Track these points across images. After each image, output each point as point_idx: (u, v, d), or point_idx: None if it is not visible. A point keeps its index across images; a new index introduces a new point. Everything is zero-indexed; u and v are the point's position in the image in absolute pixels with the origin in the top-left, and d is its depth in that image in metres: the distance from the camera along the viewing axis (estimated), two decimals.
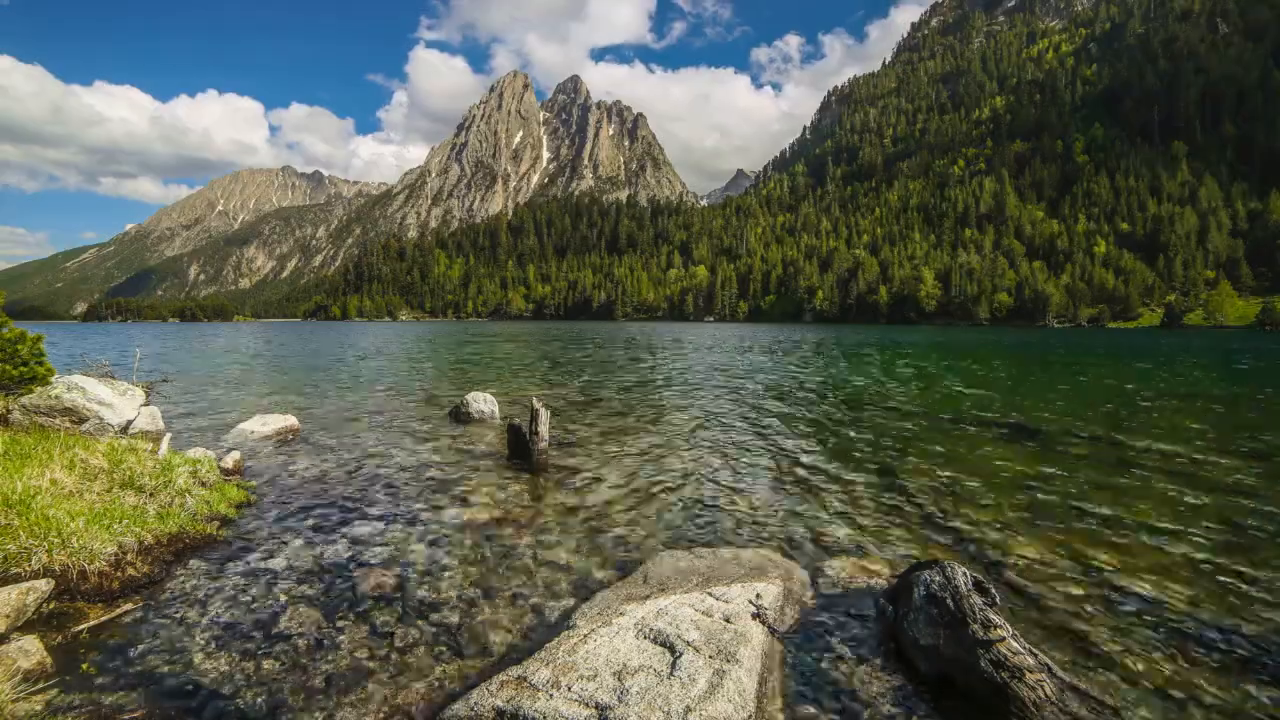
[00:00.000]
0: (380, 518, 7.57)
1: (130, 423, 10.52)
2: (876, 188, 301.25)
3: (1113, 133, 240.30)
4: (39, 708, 3.80)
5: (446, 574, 5.99)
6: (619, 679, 3.82)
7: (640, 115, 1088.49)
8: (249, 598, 5.37)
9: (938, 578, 4.65)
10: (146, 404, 11.48)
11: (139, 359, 20.62)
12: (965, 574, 4.63)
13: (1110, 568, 6.27)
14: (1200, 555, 6.59)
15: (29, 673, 4.04)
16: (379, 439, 12.41)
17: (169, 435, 9.79)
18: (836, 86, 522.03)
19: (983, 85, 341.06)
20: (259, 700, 4.02)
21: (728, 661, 4.06)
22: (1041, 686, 3.87)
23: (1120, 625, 5.17)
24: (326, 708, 3.98)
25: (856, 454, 11.36)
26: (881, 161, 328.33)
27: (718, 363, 32.90)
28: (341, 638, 4.78)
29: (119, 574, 5.39)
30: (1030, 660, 4.02)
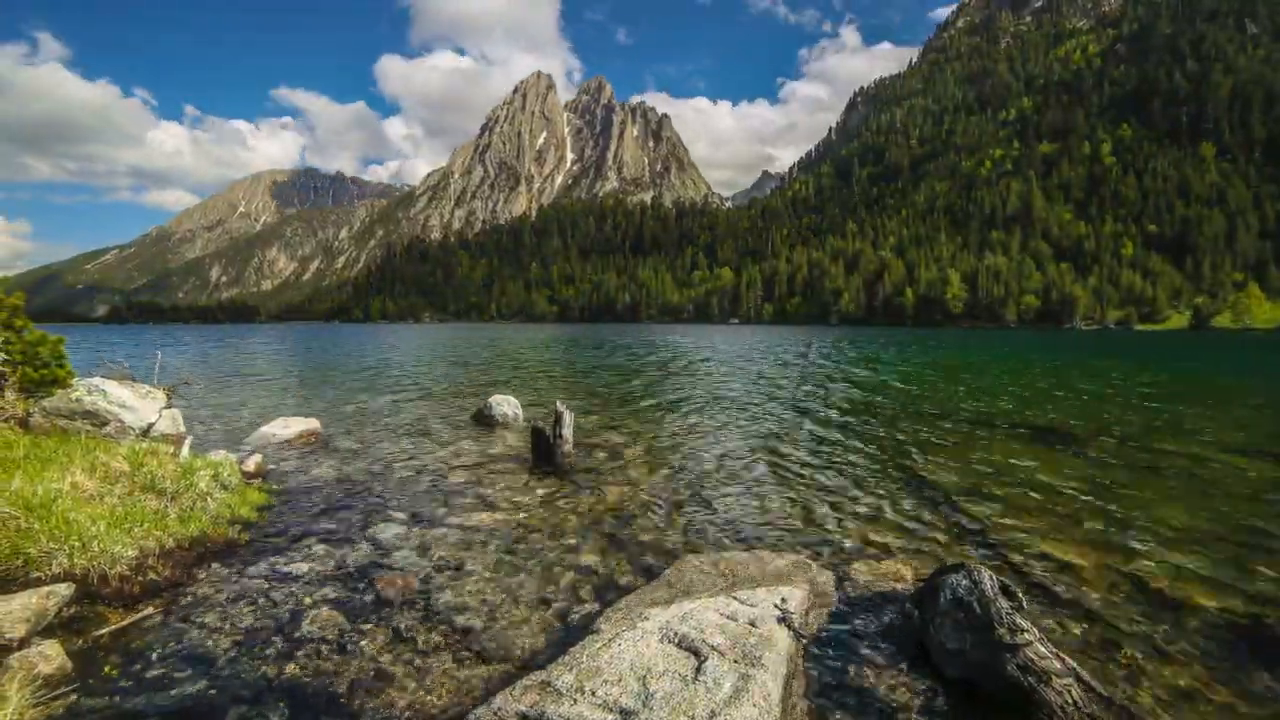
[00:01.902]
0: (403, 521, 7.56)
1: (151, 425, 10.52)
2: (903, 189, 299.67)
3: (1140, 134, 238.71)
4: (59, 713, 3.80)
5: (469, 577, 5.97)
6: (643, 684, 3.77)
7: (665, 116, 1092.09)
8: (270, 602, 5.35)
9: (964, 581, 4.58)
10: (168, 407, 11.46)
11: (160, 361, 20.75)
12: (991, 577, 4.56)
13: (1138, 571, 6.18)
14: (1229, 559, 6.48)
15: (49, 677, 4.03)
16: (401, 442, 12.41)
17: (190, 438, 9.82)
18: (862, 87, 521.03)
19: (1009, 86, 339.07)
20: (281, 705, 3.99)
21: (753, 666, 4.01)
22: (1068, 691, 3.85)
23: (1148, 630, 5.10)
24: (349, 712, 3.95)
25: (882, 457, 11.26)
26: (908, 162, 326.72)
27: (752, 385, 32.75)
28: (364, 642, 4.75)
29: (140, 578, 5.38)
30: (1057, 665, 3.98)
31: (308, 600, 5.39)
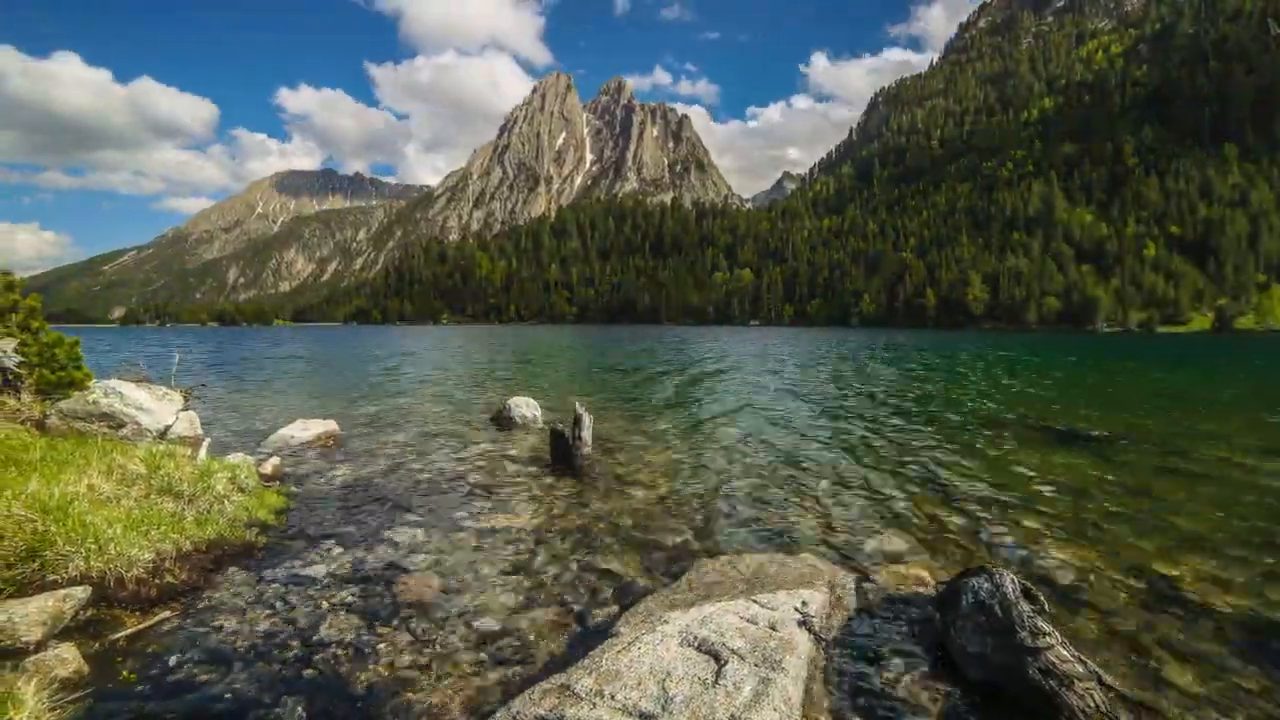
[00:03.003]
0: (421, 523, 7.55)
1: (168, 428, 10.53)
2: (924, 190, 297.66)
3: (1163, 134, 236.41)
4: (75, 716, 3.80)
5: (487, 580, 5.96)
6: (663, 687, 3.76)
7: (685, 117, 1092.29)
8: (288, 605, 5.35)
9: (986, 584, 4.58)
10: (185, 409, 11.49)
11: (178, 363, 20.83)
12: (1013, 580, 4.56)
13: (1160, 574, 6.15)
14: (1253, 562, 6.42)
15: (65, 680, 4.03)
16: (420, 444, 12.42)
17: (207, 440, 9.84)
18: (884, 88, 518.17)
19: (1031, 86, 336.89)
20: (298, 709, 3.98)
21: (773, 670, 3.99)
22: (1090, 695, 3.82)
23: (1170, 633, 5.07)
24: (367, 716, 3.95)
25: (902, 460, 11.20)
26: (929, 163, 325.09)
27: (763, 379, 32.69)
28: (382, 646, 4.75)
29: (157, 581, 5.38)
30: (1079, 668, 3.96)
31: (325, 604, 5.39)
